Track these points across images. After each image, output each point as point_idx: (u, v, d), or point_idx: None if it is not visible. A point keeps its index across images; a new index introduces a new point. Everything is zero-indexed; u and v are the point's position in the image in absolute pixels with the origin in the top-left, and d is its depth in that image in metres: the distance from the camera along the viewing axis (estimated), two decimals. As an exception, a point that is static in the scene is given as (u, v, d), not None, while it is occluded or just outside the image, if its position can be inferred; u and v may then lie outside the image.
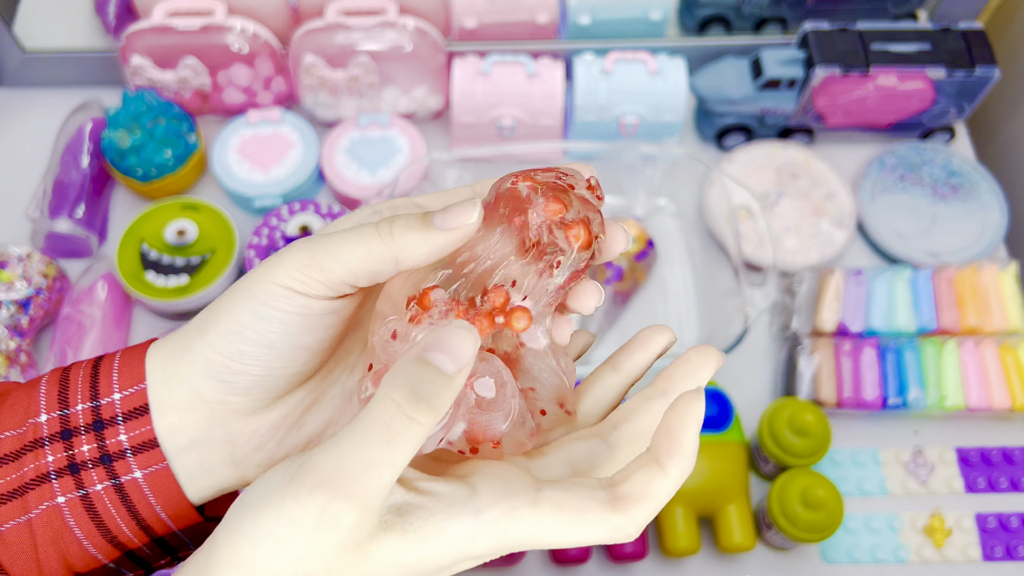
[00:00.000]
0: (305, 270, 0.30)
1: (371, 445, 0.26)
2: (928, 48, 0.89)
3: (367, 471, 0.26)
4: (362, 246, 0.29)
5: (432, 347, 0.27)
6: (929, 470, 0.81)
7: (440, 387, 0.26)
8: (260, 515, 0.26)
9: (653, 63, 0.91)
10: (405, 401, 0.26)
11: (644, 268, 0.87)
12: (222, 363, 0.31)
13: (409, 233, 0.29)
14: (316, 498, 0.26)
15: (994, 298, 0.84)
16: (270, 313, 0.30)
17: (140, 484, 0.32)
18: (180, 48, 0.89)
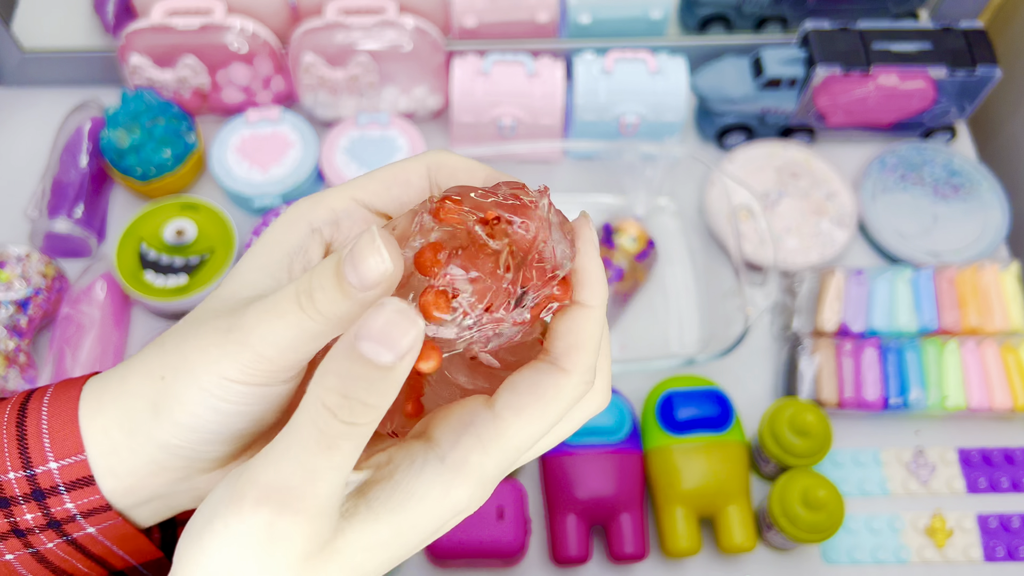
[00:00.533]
0: (253, 365, 0.27)
1: (310, 453, 0.24)
2: (929, 47, 0.89)
3: (310, 481, 0.24)
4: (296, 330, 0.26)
5: (364, 335, 0.23)
6: (930, 470, 0.80)
7: (375, 383, 0.23)
8: (208, 543, 0.24)
9: (653, 62, 0.90)
10: (338, 407, 0.23)
11: (644, 268, 0.87)
12: (186, 447, 0.29)
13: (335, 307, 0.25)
14: (261, 514, 0.24)
15: (995, 298, 0.84)
16: (230, 408, 0.28)
17: (95, 537, 0.31)
18: (179, 47, 0.89)
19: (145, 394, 0.29)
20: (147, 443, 0.29)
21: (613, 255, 0.86)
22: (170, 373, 0.28)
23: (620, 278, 0.85)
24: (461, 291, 0.26)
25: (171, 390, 0.28)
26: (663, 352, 0.86)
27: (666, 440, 0.75)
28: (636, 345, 0.86)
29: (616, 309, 0.86)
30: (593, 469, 0.73)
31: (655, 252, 0.88)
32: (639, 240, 0.86)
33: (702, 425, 0.75)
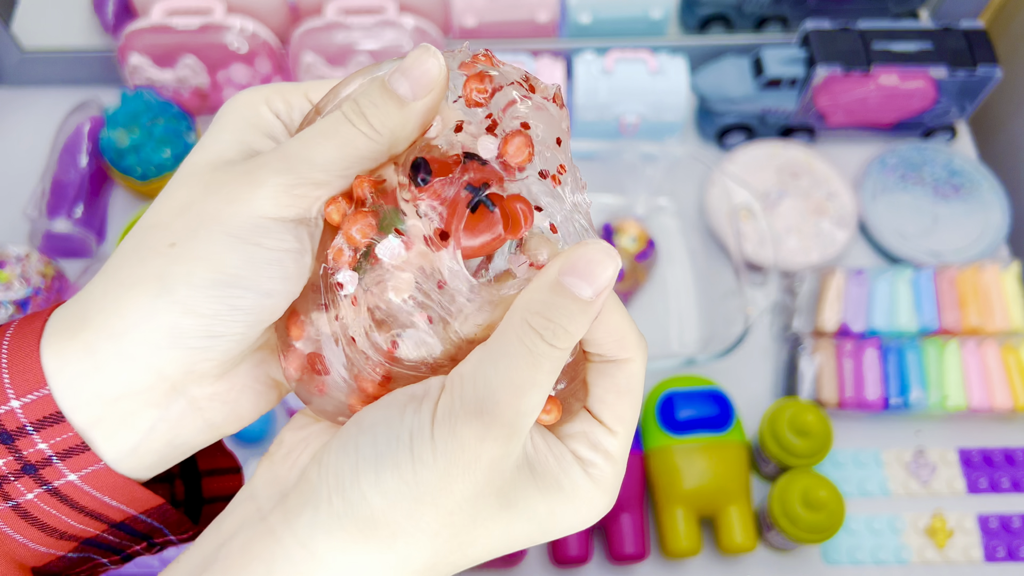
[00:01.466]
0: (295, 191, 0.26)
1: (518, 369, 0.25)
2: (930, 47, 0.89)
3: (517, 395, 0.25)
4: (349, 148, 0.26)
5: (568, 270, 0.25)
6: (931, 471, 0.80)
7: (577, 314, 0.25)
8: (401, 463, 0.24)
9: (654, 62, 0.90)
10: (543, 328, 0.25)
11: (645, 268, 0.87)
12: (201, 327, 0.26)
13: (390, 120, 0.26)
14: (473, 428, 0.24)
15: (996, 298, 0.84)
16: (266, 256, 0.26)
17: (79, 486, 0.27)
18: (179, 47, 0.89)
19: (143, 275, 0.26)
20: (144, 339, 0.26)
21: (613, 255, 0.86)
22: (183, 237, 0.26)
23: (620, 278, 0.85)
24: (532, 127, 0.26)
25: (188, 253, 0.26)
26: (663, 352, 0.85)
27: (666, 440, 0.75)
28: (636, 345, 0.86)
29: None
30: (593, 469, 0.73)
31: (655, 252, 0.88)
32: (639, 240, 0.86)
33: (702, 425, 0.75)
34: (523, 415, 0.25)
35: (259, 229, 0.26)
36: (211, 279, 0.26)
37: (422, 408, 0.25)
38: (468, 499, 0.25)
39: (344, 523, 0.25)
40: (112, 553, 0.31)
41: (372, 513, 0.24)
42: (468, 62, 0.27)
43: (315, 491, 0.25)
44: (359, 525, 0.25)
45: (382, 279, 0.26)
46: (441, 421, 0.25)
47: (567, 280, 0.25)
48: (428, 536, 0.25)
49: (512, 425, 0.25)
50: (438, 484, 0.24)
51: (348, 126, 0.26)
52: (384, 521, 0.24)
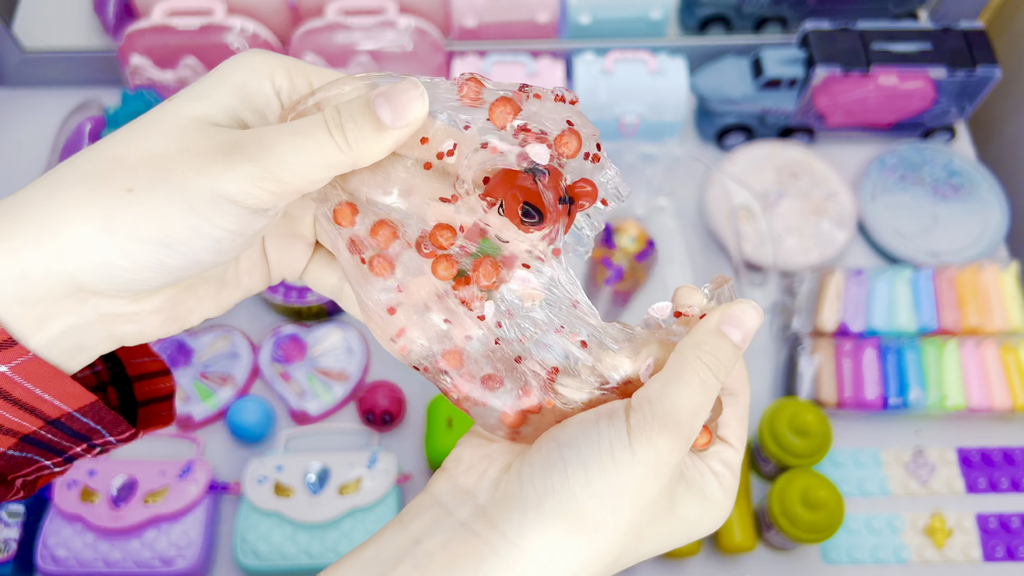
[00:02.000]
0: (260, 183, 0.27)
1: (696, 395, 0.30)
2: (929, 48, 0.89)
3: (694, 415, 0.30)
4: (319, 155, 0.28)
5: (727, 321, 0.32)
6: (930, 470, 0.80)
7: (733, 354, 0.32)
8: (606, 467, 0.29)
9: (653, 62, 0.91)
10: (714, 366, 0.31)
11: (644, 268, 0.87)
12: (128, 270, 0.27)
13: (363, 139, 0.29)
14: (665, 438, 0.29)
15: (995, 298, 0.84)
16: (210, 231, 0.27)
17: (9, 376, 0.28)
18: (180, 48, 0.89)
19: (94, 207, 0.27)
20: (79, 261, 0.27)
21: (613, 255, 0.86)
22: (143, 186, 0.27)
23: (620, 278, 0.86)
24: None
25: (141, 204, 0.27)
26: (663, 352, 0.85)
27: (666, 440, 0.75)
28: (636, 345, 0.86)
29: (616, 309, 0.86)
30: (593, 469, 0.73)
31: (655, 252, 0.88)
32: (639, 240, 0.87)
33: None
34: (695, 431, 0.30)
35: (215, 207, 0.27)
36: (153, 236, 0.27)
37: (615, 422, 0.30)
38: (655, 499, 0.30)
39: (557, 522, 0.29)
40: (53, 454, 0.32)
41: (582, 510, 0.29)
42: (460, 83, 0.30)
43: (522, 497, 0.30)
44: (570, 521, 0.29)
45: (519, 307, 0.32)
46: (636, 432, 0.30)
47: (726, 328, 0.32)
48: (623, 531, 0.29)
49: (688, 439, 0.30)
50: (637, 485, 0.29)
51: (325, 134, 0.28)
52: (592, 517, 0.29)
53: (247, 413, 0.78)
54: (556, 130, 0.30)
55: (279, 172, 0.28)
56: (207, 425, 0.81)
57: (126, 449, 0.80)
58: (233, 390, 0.81)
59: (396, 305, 0.31)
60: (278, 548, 0.73)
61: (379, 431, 0.80)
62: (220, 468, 0.79)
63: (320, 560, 0.72)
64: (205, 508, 0.75)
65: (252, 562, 0.72)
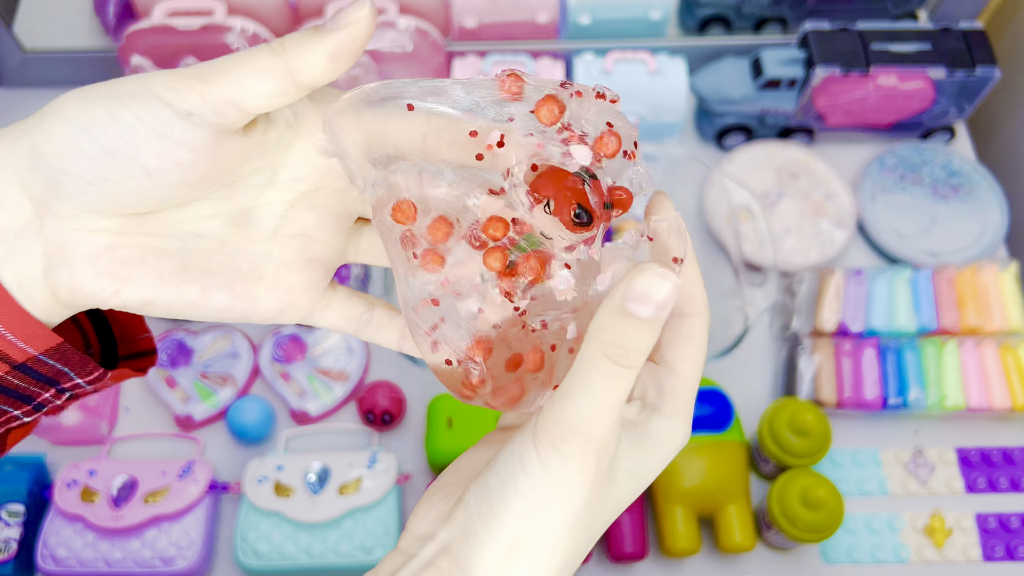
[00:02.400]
0: (187, 81, 0.27)
1: (602, 395, 0.28)
2: (928, 48, 0.89)
3: (604, 415, 0.28)
4: (253, 61, 0.28)
5: (628, 297, 0.28)
6: (929, 470, 0.81)
7: (643, 332, 0.28)
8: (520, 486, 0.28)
9: (653, 63, 0.91)
10: (618, 356, 0.28)
11: (644, 268, 0.87)
12: (52, 155, 0.27)
13: (301, 43, 0.28)
14: (573, 445, 0.28)
15: (994, 298, 0.84)
16: (125, 118, 0.27)
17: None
18: (180, 48, 0.89)
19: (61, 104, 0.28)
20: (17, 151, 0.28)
21: (613, 255, 0.86)
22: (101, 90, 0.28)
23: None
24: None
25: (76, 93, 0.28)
26: (663, 352, 0.86)
27: (666, 440, 0.75)
28: (636, 345, 0.86)
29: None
30: (593, 469, 0.73)
31: (655, 252, 0.88)
32: (639, 240, 0.87)
33: (702, 425, 0.75)
34: (614, 424, 0.29)
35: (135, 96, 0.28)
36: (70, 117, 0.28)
37: (525, 435, 0.29)
38: (585, 497, 0.29)
39: (493, 548, 0.29)
40: (22, 402, 0.31)
41: (512, 533, 0.29)
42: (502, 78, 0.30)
43: (467, 524, 0.29)
44: (505, 546, 0.29)
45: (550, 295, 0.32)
46: (542, 443, 0.28)
47: (630, 306, 0.28)
48: (563, 535, 0.29)
49: (606, 436, 0.29)
50: (556, 493, 0.28)
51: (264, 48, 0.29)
52: (524, 536, 0.29)
53: (247, 413, 0.78)
54: (596, 131, 0.30)
55: (208, 73, 0.27)
56: (207, 425, 0.81)
57: (126, 449, 0.80)
58: (233, 390, 0.81)
59: (440, 297, 0.32)
60: (278, 548, 0.73)
61: (379, 431, 0.81)
62: (220, 468, 0.79)
63: (320, 560, 0.72)
64: (205, 508, 0.75)
65: (252, 562, 0.73)
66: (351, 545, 0.73)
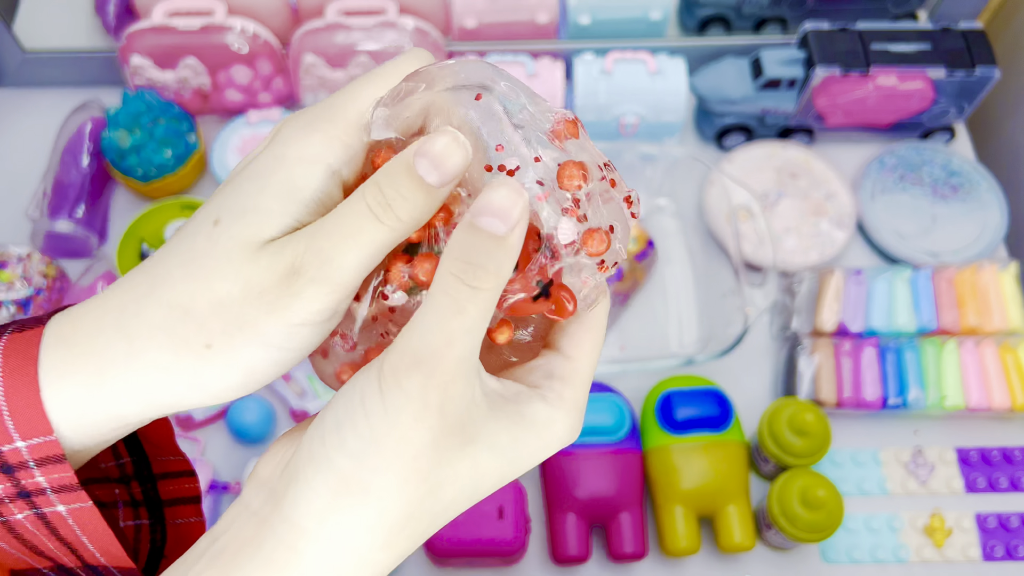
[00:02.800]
0: (327, 298, 0.27)
1: (445, 318, 0.26)
2: (928, 48, 0.89)
3: (449, 343, 0.26)
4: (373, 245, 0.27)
5: (479, 211, 0.26)
6: (929, 470, 0.81)
7: (492, 250, 0.26)
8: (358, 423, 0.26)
9: (653, 63, 0.91)
10: (462, 272, 0.26)
11: (644, 268, 0.87)
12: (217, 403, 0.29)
13: (415, 210, 0.27)
14: (415, 379, 0.26)
15: (994, 298, 0.84)
16: (291, 357, 0.28)
17: (64, 517, 0.29)
18: (180, 48, 0.89)
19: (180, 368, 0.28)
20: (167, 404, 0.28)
21: (613, 255, 0.86)
22: (220, 340, 0.27)
23: (620, 278, 0.86)
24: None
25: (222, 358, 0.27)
26: (663, 352, 0.86)
27: (665, 440, 0.75)
28: (636, 345, 0.86)
29: (616, 309, 0.87)
30: (593, 468, 0.73)
31: (655, 252, 0.88)
32: (639, 240, 0.87)
33: (701, 425, 0.75)
34: (462, 359, 0.26)
35: (292, 337, 0.27)
36: (240, 383, 0.28)
37: (370, 372, 0.27)
38: (428, 443, 0.26)
39: (319, 489, 0.26)
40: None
41: (342, 474, 0.26)
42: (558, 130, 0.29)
43: (296, 471, 0.27)
44: (332, 488, 0.26)
45: None
46: (386, 377, 0.26)
47: (480, 220, 0.26)
48: (397, 485, 0.26)
49: (453, 371, 0.26)
50: (395, 434, 0.26)
51: (374, 223, 0.27)
52: (355, 479, 0.26)
53: (247, 413, 0.78)
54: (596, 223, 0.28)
55: (340, 279, 0.27)
56: (207, 425, 0.81)
57: (127, 449, 0.80)
58: (233, 390, 0.81)
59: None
60: (278, 547, 0.73)
61: (379, 431, 0.80)
62: (220, 468, 0.79)
63: (320, 559, 0.72)
64: (205, 508, 0.75)
65: (252, 561, 0.72)
66: (351, 545, 0.73)
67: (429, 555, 0.73)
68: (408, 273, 0.29)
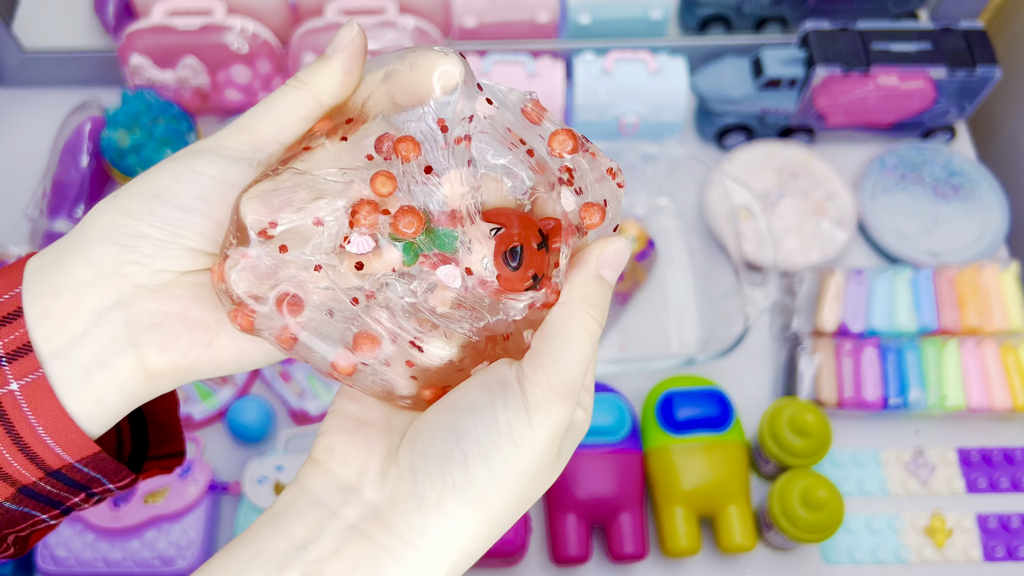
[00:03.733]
0: (232, 136, 0.31)
1: (588, 355, 0.30)
2: (929, 47, 0.89)
3: (586, 373, 0.30)
4: (283, 100, 0.31)
5: (604, 265, 0.31)
6: (930, 470, 0.80)
7: (608, 295, 0.32)
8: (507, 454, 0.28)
9: (653, 62, 0.90)
10: (600, 315, 0.31)
11: (644, 268, 0.87)
12: (126, 224, 0.29)
13: (316, 72, 0.31)
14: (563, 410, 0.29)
15: (995, 298, 0.84)
16: (191, 176, 0.30)
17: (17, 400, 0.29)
18: (179, 48, 0.89)
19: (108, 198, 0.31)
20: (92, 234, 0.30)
21: (613, 255, 0.86)
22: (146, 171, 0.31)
23: (620, 278, 0.85)
24: None
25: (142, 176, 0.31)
26: (663, 352, 0.86)
27: (666, 440, 0.75)
28: (636, 345, 0.86)
29: (616, 309, 0.87)
30: (593, 469, 0.73)
31: (655, 252, 0.88)
32: (639, 240, 0.87)
33: (702, 425, 0.75)
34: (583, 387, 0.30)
35: (195, 157, 0.30)
36: (145, 191, 0.30)
37: (511, 401, 0.29)
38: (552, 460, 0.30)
39: (459, 517, 0.28)
40: (50, 506, 0.32)
41: (486, 501, 0.28)
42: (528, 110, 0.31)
43: (418, 497, 0.28)
44: (474, 515, 0.28)
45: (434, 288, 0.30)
46: (535, 409, 0.29)
47: (605, 273, 0.31)
48: (518, 499, 0.29)
49: (578, 397, 0.30)
50: (536, 460, 0.29)
51: (286, 87, 0.32)
52: (496, 504, 0.28)
53: (247, 413, 0.78)
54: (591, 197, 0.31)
55: (251, 123, 0.31)
56: (207, 425, 0.81)
57: (126, 449, 0.80)
58: (233, 390, 0.81)
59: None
60: (278, 548, 0.73)
61: (379, 431, 0.80)
62: (220, 468, 0.79)
63: (320, 560, 0.72)
64: (205, 508, 0.75)
65: (252, 562, 0.72)
66: (351, 545, 0.73)
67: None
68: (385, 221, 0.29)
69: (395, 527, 0.28)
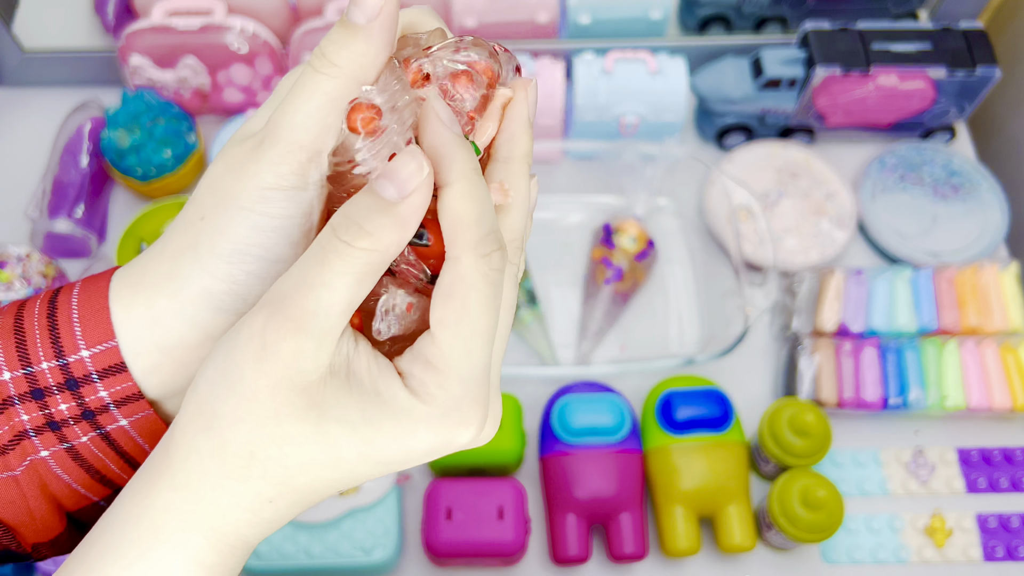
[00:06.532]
0: (288, 158, 0.28)
1: (308, 265, 0.26)
2: (929, 48, 0.89)
3: (302, 291, 0.26)
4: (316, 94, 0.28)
5: (383, 174, 0.26)
6: (930, 470, 0.81)
7: (375, 212, 0.26)
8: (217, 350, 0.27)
9: (653, 62, 0.91)
10: (338, 224, 0.26)
11: (644, 268, 0.87)
12: (226, 290, 0.29)
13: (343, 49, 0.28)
14: (259, 317, 0.26)
15: (995, 298, 0.84)
16: (271, 223, 0.29)
17: (127, 431, 0.31)
18: (179, 48, 0.89)
19: (185, 244, 0.30)
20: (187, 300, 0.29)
21: (613, 255, 0.86)
22: (210, 211, 0.29)
23: (620, 278, 0.86)
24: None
25: (212, 224, 0.29)
26: (663, 352, 0.86)
27: (666, 440, 0.75)
28: (636, 345, 0.86)
29: (616, 309, 0.87)
30: (593, 469, 0.73)
31: (655, 252, 0.88)
32: (639, 240, 0.87)
33: (702, 425, 0.75)
34: (311, 313, 0.26)
35: (263, 200, 0.28)
36: (229, 249, 0.29)
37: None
38: (263, 388, 0.26)
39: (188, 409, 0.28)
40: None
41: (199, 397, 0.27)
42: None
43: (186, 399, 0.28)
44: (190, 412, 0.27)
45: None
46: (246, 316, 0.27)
47: (378, 182, 0.26)
48: (234, 420, 0.26)
49: (299, 321, 0.26)
50: (236, 369, 0.26)
51: (312, 74, 0.28)
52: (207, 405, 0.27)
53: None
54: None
55: (292, 137, 0.28)
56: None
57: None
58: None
59: None
60: (278, 548, 0.73)
61: (379, 431, 0.80)
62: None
63: (320, 560, 0.72)
64: (205, 508, 0.75)
65: (252, 562, 0.72)
66: (351, 545, 0.73)
67: (429, 555, 0.73)
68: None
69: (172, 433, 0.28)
